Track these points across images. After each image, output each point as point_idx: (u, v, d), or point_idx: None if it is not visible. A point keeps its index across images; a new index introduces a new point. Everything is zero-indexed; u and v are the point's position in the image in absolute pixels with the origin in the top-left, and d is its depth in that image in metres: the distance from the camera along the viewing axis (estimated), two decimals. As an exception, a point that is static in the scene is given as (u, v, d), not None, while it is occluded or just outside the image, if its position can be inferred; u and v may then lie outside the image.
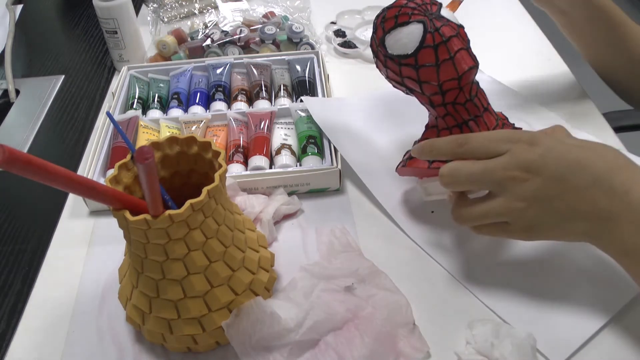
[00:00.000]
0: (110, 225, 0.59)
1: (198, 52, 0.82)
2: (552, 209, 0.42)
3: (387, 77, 0.54)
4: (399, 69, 0.51)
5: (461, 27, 0.51)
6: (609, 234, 0.42)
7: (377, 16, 0.52)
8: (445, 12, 0.51)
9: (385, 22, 0.51)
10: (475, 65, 0.51)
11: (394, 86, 0.55)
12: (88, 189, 0.36)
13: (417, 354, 0.45)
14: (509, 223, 0.44)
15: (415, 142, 0.56)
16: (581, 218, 0.42)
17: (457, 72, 0.50)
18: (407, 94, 0.54)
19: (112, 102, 0.71)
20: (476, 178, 0.44)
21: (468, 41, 0.51)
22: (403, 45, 0.50)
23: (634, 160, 0.43)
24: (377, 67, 0.54)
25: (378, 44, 0.52)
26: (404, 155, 0.56)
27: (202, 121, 0.67)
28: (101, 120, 0.68)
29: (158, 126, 0.68)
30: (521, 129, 0.54)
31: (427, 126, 0.56)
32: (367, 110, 0.71)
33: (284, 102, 0.71)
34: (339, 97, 0.72)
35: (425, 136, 0.55)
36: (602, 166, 0.41)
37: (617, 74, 0.69)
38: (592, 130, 0.67)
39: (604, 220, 0.41)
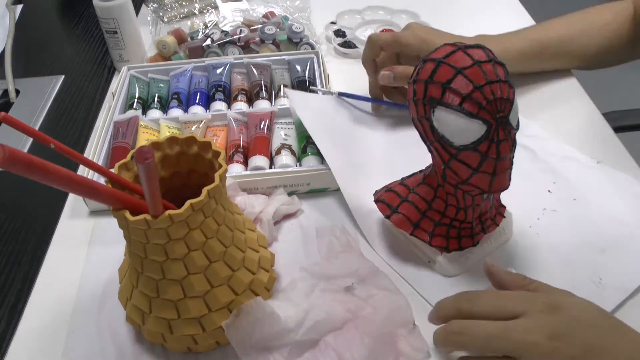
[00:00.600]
0: (110, 225, 0.59)
1: (198, 52, 0.82)
2: None
3: (413, 122, 0.47)
4: (432, 140, 0.45)
5: (517, 130, 0.46)
6: None
7: (440, 61, 0.43)
8: (514, 112, 0.44)
9: (449, 90, 0.42)
10: (507, 187, 0.46)
11: (415, 128, 0.48)
12: (88, 189, 0.36)
13: (417, 354, 0.45)
14: None
15: (403, 180, 0.53)
16: None
17: (489, 188, 0.45)
18: (422, 141, 0.48)
19: (112, 102, 0.71)
20: (494, 339, 0.39)
21: (515, 149, 0.46)
22: (452, 133, 0.43)
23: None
24: (409, 105, 0.46)
25: (425, 100, 0.44)
26: (391, 195, 0.52)
27: (202, 121, 0.67)
28: (101, 120, 0.68)
29: (158, 126, 0.68)
30: (504, 209, 0.53)
31: (425, 178, 0.51)
32: (348, 108, 0.71)
33: (284, 102, 0.71)
34: (321, 95, 0.71)
35: (418, 191, 0.51)
36: (626, 342, 0.39)
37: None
38: (592, 130, 0.67)
39: None
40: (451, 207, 0.49)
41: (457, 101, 0.42)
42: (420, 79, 0.44)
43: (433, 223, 0.50)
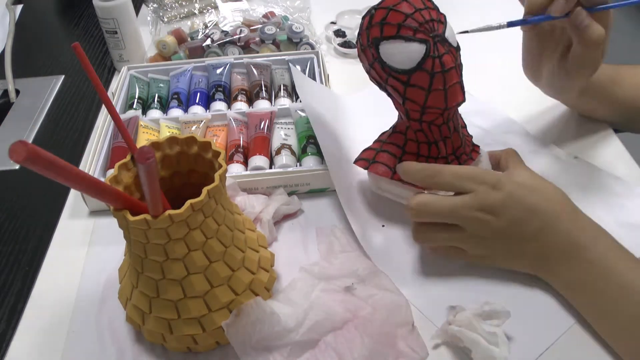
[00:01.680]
0: (110, 225, 0.59)
1: (198, 52, 0.82)
2: (506, 246, 0.49)
3: (368, 74, 0.52)
4: (385, 77, 0.50)
5: (458, 50, 0.51)
6: (551, 270, 0.49)
7: (375, 8, 0.49)
8: (449, 31, 0.49)
9: (385, 26, 0.48)
10: (464, 100, 0.51)
11: (371, 80, 0.53)
12: (96, 188, 0.35)
13: (416, 354, 0.45)
14: (465, 250, 0.51)
15: (381, 138, 0.57)
16: (530, 256, 0.49)
17: (445, 104, 0.49)
18: (381, 90, 0.53)
19: (112, 102, 0.71)
20: (443, 215, 0.49)
21: (462, 67, 0.51)
22: (399, 61, 0.48)
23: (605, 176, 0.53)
24: (359, 57, 0.52)
25: (370, 43, 0.49)
26: (368, 152, 0.56)
27: (202, 121, 0.67)
28: (101, 120, 0.68)
29: (158, 126, 0.68)
30: (478, 147, 0.57)
31: (394, 128, 0.55)
32: (351, 104, 0.71)
33: (284, 102, 0.71)
34: (328, 89, 0.72)
35: (390, 140, 0.55)
36: (551, 212, 0.48)
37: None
38: (592, 130, 0.67)
39: (547, 259, 0.49)
40: (423, 145, 0.53)
41: (394, 31, 0.48)
42: (362, 29, 0.50)
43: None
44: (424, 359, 0.46)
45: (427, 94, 0.49)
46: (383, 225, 0.57)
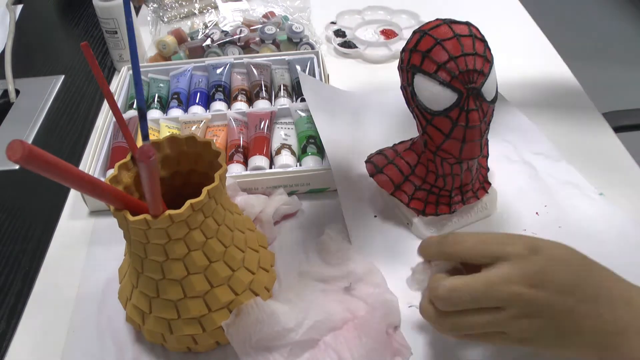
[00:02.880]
0: (110, 225, 0.59)
1: (198, 52, 0.82)
2: (557, 323, 0.39)
3: (402, 93, 0.51)
4: (413, 105, 0.49)
5: (493, 103, 0.48)
6: (618, 348, 0.39)
7: (427, 32, 0.46)
8: (488, 83, 0.47)
9: (426, 59, 0.46)
10: (480, 156, 0.50)
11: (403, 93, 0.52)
12: (95, 188, 0.35)
13: (407, 351, 0.46)
14: (506, 333, 0.40)
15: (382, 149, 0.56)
16: (588, 332, 0.39)
17: (460, 155, 0.48)
18: (407, 106, 0.52)
19: (112, 102, 0.71)
20: (479, 297, 0.39)
21: (489, 124, 0.49)
22: (427, 99, 0.47)
23: None
24: (398, 69, 0.50)
25: (408, 67, 0.48)
26: (379, 157, 0.56)
27: (202, 121, 0.67)
28: (101, 120, 0.68)
29: (158, 126, 0.67)
30: (489, 185, 0.55)
31: (412, 144, 0.54)
32: (356, 104, 0.71)
33: (284, 102, 0.71)
34: (335, 88, 0.72)
35: (405, 155, 0.54)
36: (598, 279, 0.40)
37: None
38: (593, 130, 0.67)
39: (612, 334, 0.39)
40: (431, 174, 0.53)
41: (433, 69, 0.46)
42: (407, 48, 0.48)
43: (414, 187, 0.54)
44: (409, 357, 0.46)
45: (444, 139, 0.48)
46: (375, 216, 0.58)
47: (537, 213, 0.57)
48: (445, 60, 0.45)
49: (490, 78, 0.47)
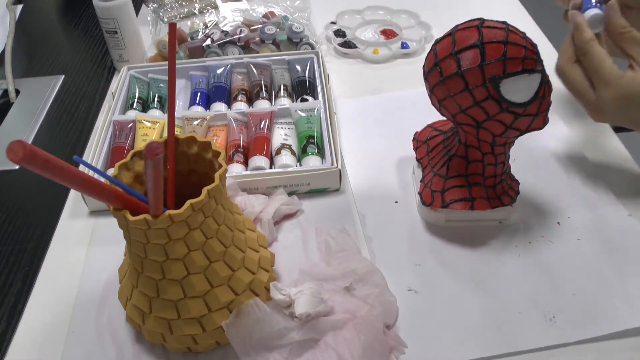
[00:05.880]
0: (110, 225, 0.59)
1: (198, 52, 0.82)
2: None
3: (462, 115, 0.49)
4: (496, 112, 0.47)
5: None
6: None
7: (483, 42, 0.46)
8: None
9: (508, 62, 0.45)
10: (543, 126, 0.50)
11: (442, 113, 0.51)
12: (95, 188, 0.35)
13: (403, 347, 0.46)
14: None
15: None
16: None
17: (527, 128, 0.49)
18: (450, 121, 0.51)
19: (112, 102, 0.71)
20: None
21: None
22: (522, 95, 0.47)
23: None
24: (435, 89, 0.49)
25: (487, 81, 0.46)
26: (426, 192, 0.55)
27: (204, 118, 0.67)
28: (101, 120, 0.68)
29: (158, 125, 0.67)
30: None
31: (450, 157, 0.54)
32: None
33: (284, 102, 0.71)
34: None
35: (452, 164, 0.54)
36: None
37: None
38: (593, 129, 0.67)
39: None
40: (489, 167, 0.52)
41: (519, 67, 0.46)
42: (469, 69, 0.46)
43: (484, 189, 0.53)
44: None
45: (532, 119, 0.48)
46: (396, 202, 0.60)
47: (558, 223, 0.56)
48: (523, 52, 0.46)
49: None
